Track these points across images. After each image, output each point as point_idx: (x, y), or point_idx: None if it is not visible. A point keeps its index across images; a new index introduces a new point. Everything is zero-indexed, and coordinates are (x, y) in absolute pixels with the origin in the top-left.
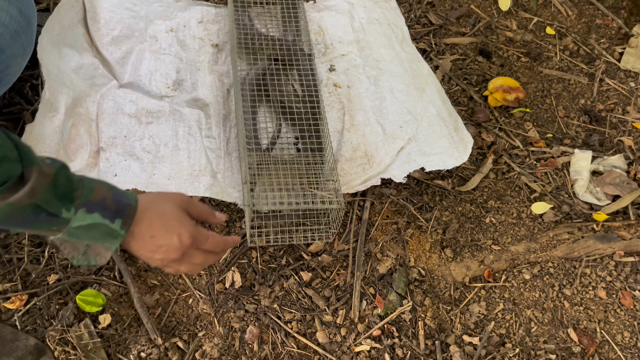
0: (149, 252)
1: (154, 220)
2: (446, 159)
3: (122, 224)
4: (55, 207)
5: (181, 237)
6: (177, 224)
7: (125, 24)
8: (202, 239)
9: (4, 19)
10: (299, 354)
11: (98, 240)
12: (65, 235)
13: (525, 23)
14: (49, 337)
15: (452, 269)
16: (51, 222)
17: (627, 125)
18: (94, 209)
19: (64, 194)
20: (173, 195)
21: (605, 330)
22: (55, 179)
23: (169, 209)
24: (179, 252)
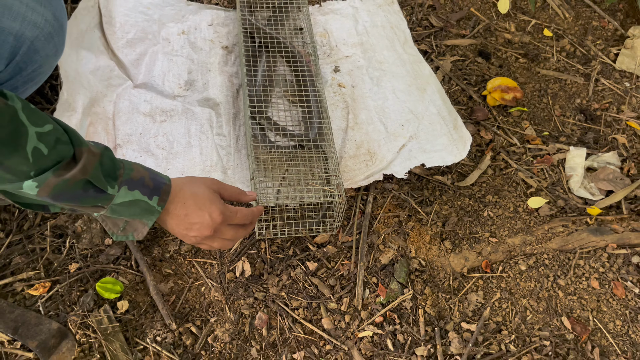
0: (184, 229)
1: (187, 200)
2: (446, 155)
3: (159, 201)
4: (102, 183)
5: (212, 215)
6: (208, 203)
7: (140, 27)
8: (231, 215)
9: (40, 23)
10: (305, 339)
11: (137, 217)
12: (109, 211)
13: (524, 25)
14: (71, 322)
15: (451, 259)
16: (98, 198)
17: (621, 124)
18: (134, 186)
19: (108, 172)
20: (205, 179)
21: (598, 318)
22: (101, 159)
23: (202, 190)
24: (211, 229)
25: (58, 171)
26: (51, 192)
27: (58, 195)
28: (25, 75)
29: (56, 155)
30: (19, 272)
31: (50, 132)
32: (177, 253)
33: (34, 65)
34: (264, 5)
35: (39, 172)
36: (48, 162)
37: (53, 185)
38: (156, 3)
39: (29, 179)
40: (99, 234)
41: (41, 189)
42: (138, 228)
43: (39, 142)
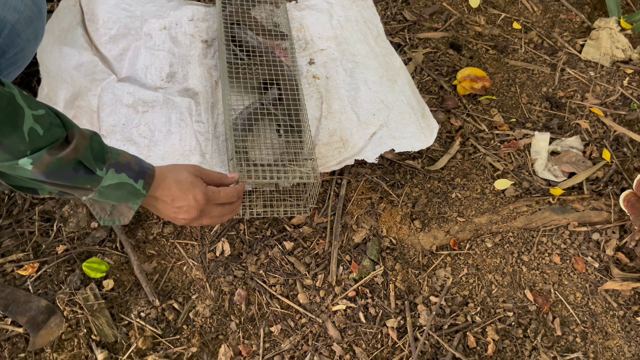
0: (173, 213)
1: (172, 187)
2: (414, 142)
3: (144, 184)
4: (91, 164)
5: (196, 197)
6: (191, 187)
7: (122, 23)
8: (214, 195)
9: (19, 7)
10: (282, 313)
11: (123, 200)
12: (97, 195)
13: (494, 19)
14: (59, 299)
15: (420, 238)
16: (87, 179)
17: (585, 110)
18: (121, 169)
19: (97, 155)
20: (187, 166)
21: (559, 291)
22: (91, 142)
23: (184, 176)
24: (197, 210)
25: (52, 150)
26: (45, 170)
27: (50, 174)
28: (8, 58)
29: (50, 137)
30: (9, 254)
31: (44, 116)
32: (160, 235)
33: (15, 48)
34: (242, 1)
35: (34, 151)
36: (43, 142)
37: (47, 163)
38: (138, 0)
39: (25, 156)
40: (85, 217)
41: (35, 165)
42: (124, 212)
43: (35, 123)
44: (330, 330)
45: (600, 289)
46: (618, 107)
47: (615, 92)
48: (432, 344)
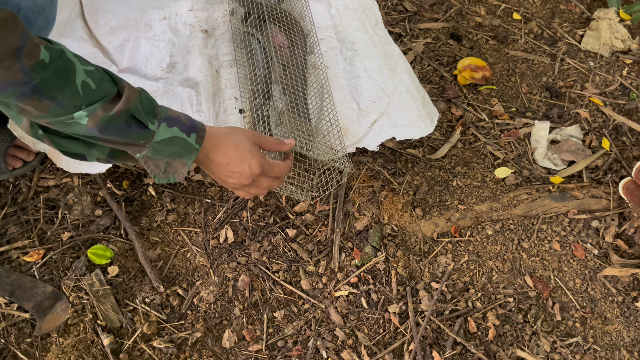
0: (224, 176)
1: (229, 150)
2: (414, 130)
3: (196, 138)
4: (143, 118)
5: (252, 167)
6: (249, 156)
7: (122, 14)
8: (269, 169)
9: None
10: (285, 299)
11: (177, 156)
12: (150, 151)
13: (494, 9)
14: (64, 285)
15: (421, 225)
16: (140, 134)
17: (585, 100)
18: (172, 123)
19: (147, 110)
20: (246, 131)
21: (559, 277)
22: (140, 95)
23: (243, 141)
24: (249, 179)
25: (105, 104)
26: (99, 124)
27: (104, 128)
28: None
29: (102, 91)
30: (14, 241)
31: (94, 71)
32: (164, 222)
33: None
34: None
35: (88, 105)
36: (96, 96)
37: (101, 117)
38: None
39: (80, 110)
40: (89, 205)
41: (90, 118)
42: (178, 169)
43: (87, 77)
44: (333, 316)
45: (599, 275)
46: (617, 97)
47: (615, 81)
48: (433, 329)
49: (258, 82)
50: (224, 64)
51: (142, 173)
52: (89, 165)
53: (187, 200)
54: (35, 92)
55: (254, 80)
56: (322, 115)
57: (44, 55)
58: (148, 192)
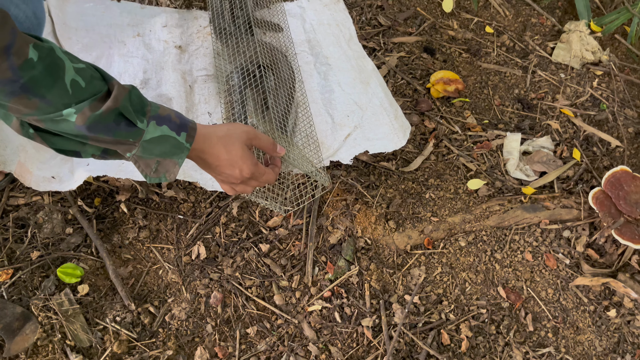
0: (215, 173)
1: (221, 154)
2: (387, 143)
3: (187, 137)
4: (132, 116)
5: (242, 172)
6: (240, 161)
7: (95, 31)
8: (258, 175)
9: (20, 17)
10: (258, 315)
11: (167, 155)
12: (140, 149)
13: (467, 23)
14: (33, 305)
15: (395, 238)
16: (129, 132)
17: (556, 111)
18: (162, 121)
19: (137, 107)
20: (241, 133)
21: (531, 288)
22: (130, 93)
23: (236, 147)
24: (238, 180)
25: (94, 102)
26: (87, 122)
27: (92, 126)
28: None
29: (92, 89)
30: None
31: (85, 69)
32: (136, 240)
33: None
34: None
35: (78, 102)
36: (85, 94)
37: (89, 115)
38: (111, 7)
39: (68, 107)
40: (60, 223)
41: (79, 116)
42: (170, 168)
43: (77, 75)
44: (306, 331)
45: (571, 284)
46: (588, 108)
47: (585, 93)
48: (406, 342)
49: (234, 92)
50: (198, 80)
51: (114, 190)
52: (58, 183)
53: (159, 217)
54: (23, 90)
55: (230, 91)
56: (296, 129)
57: (32, 54)
58: (120, 209)
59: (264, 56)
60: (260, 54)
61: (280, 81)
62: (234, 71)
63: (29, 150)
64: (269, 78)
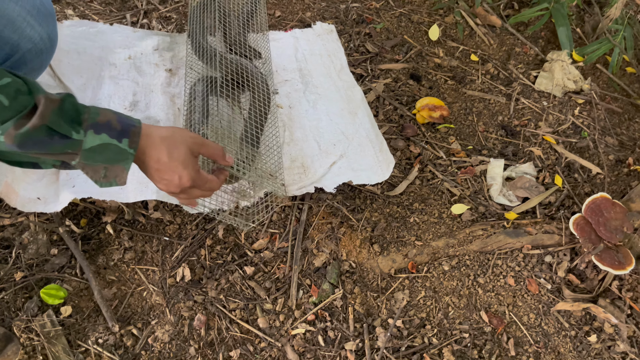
0: (154, 179)
1: (161, 157)
2: (371, 175)
3: (129, 143)
4: (65, 129)
5: (181, 179)
6: (181, 167)
7: (87, 53)
8: (200, 183)
9: (35, 39)
10: (241, 338)
11: (113, 162)
12: (82, 158)
13: (452, 51)
14: (16, 326)
15: (379, 261)
16: (65, 144)
17: (538, 138)
18: (100, 130)
19: (71, 118)
20: (187, 137)
21: (514, 312)
22: (61, 105)
23: (178, 150)
24: (177, 189)
25: (19, 121)
26: (15, 141)
27: (23, 144)
28: None
29: (17, 106)
30: None
31: (9, 84)
32: (121, 261)
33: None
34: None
35: (2, 123)
36: (9, 112)
37: (14, 134)
38: (103, 30)
39: None
40: (45, 244)
41: (5, 136)
42: (119, 174)
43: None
44: (290, 354)
45: (552, 309)
46: (569, 135)
47: (567, 121)
48: None
49: (196, 97)
50: None
51: (100, 211)
52: (43, 204)
53: (145, 238)
54: None
55: (193, 96)
56: (268, 144)
57: None
58: (106, 231)
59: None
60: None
61: (254, 96)
62: (201, 79)
63: (16, 171)
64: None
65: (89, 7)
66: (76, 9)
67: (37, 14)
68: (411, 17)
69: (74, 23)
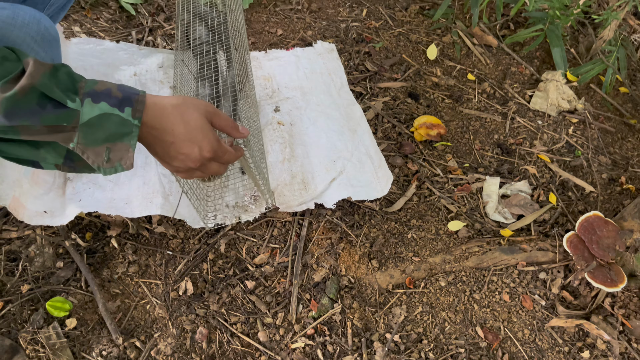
0: (169, 157)
1: (176, 127)
2: (370, 191)
3: (132, 112)
4: (58, 95)
5: (202, 150)
6: (200, 136)
7: (94, 70)
8: (221, 155)
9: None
10: (242, 351)
11: (116, 139)
12: (81, 137)
13: (450, 70)
14: (22, 338)
15: (377, 277)
16: (60, 115)
17: (533, 157)
18: (99, 97)
19: (66, 85)
20: (199, 103)
21: (509, 328)
22: (54, 71)
23: (194, 117)
24: (197, 163)
25: (6, 84)
26: (2, 108)
27: (10, 113)
28: None
29: (3, 71)
30: None
31: None
32: (125, 274)
33: None
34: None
35: None
36: None
37: (1, 99)
38: (110, 48)
39: None
40: (51, 257)
41: None
42: (123, 155)
43: None
44: None
45: (546, 325)
46: (564, 154)
47: (561, 139)
48: None
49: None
50: None
51: (105, 225)
52: (50, 217)
53: (148, 252)
54: None
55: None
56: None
57: None
58: (111, 244)
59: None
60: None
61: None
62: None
63: (24, 185)
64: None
65: (96, 24)
66: (83, 26)
67: (42, 40)
68: (410, 37)
69: (81, 40)
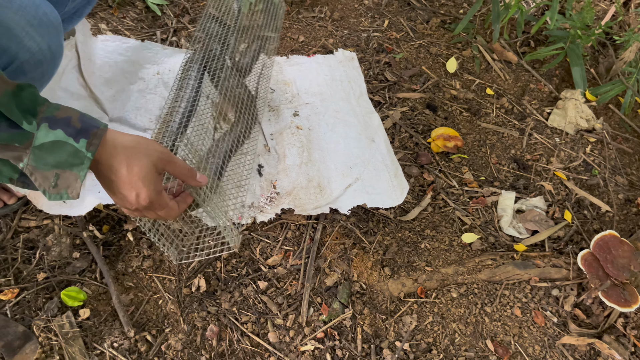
0: (110, 192)
1: (120, 169)
2: (385, 199)
3: (87, 145)
4: (15, 116)
5: (139, 198)
6: (139, 184)
7: (118, 67)
8: (158, 206)
9: (33, 49)
10: (251, 351)
11: (66, 166)
12: (32, 158)
13: (469, 84)
14: (35, 325)
15: (389, 284)
16: (13, 135)
17: (549, 173)
18: (56, 124)
19: (27, 107)
20: (153, 149)
21: (519, 343)
22: (18, 90)
23: (141, 164)
24: (133, 207)
25: None
26: None
27: None
28: None
29: None
30: None
31: None
32: (139, 268)
33: None
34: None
35: None
36: None
37: None
38: (134, 47)
39: None
40: (68, 247)
41: None
42: (71, 183)
43: None
44: None
45: (557, 343)
46: (580, 172)
47: (578, 158)
48: None
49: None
50: None
51: (122, 219)
52: (68, 207)
53: None
54: None
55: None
56: (225, 175)
57: None
58: (126, 238)
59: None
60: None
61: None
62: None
63: None
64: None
65: (122, 22)
66: (109, 24)
67: (39, 25)
68: (430, 49)
69: (107, 38)
